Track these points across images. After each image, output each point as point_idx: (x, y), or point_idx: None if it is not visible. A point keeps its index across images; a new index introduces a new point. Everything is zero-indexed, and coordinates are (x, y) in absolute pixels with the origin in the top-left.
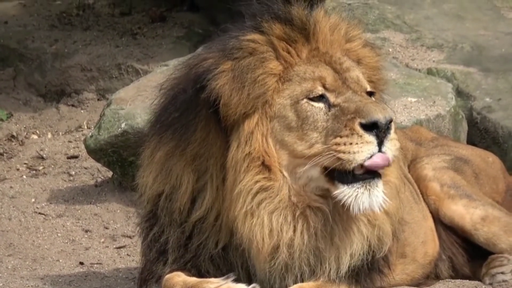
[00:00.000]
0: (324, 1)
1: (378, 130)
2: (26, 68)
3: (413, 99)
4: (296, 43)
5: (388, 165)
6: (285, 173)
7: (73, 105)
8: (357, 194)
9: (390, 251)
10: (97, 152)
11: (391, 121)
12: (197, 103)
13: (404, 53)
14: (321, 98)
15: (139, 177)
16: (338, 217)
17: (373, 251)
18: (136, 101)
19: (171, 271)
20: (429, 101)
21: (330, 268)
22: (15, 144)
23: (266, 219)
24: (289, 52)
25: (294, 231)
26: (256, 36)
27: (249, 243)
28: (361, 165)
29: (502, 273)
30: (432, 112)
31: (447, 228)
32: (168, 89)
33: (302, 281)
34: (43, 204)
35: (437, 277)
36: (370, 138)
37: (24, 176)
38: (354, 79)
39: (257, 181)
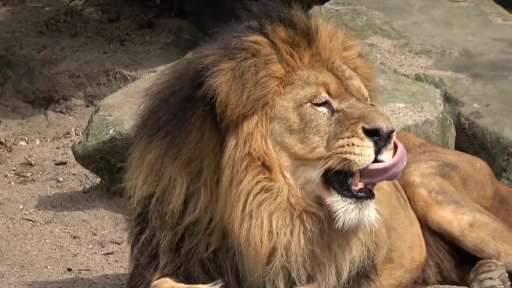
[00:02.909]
0: (323, 4)
1: (378, 138)
2: (14, 75)
3: (401, 105)
4: (299, 47)
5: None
6: (287, 174)
7: (61, 112)
8: (347, 209)
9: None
10: (85, 159)
11: (392, 131)
12: (193, 101)
13: (392, 59)
14: (324, 103)
15: (127, 180)
16: (335, 224)
17: (372, 256)
18: (124, 107)
19: (160, 277)
20: (417, 107)
21: (330, 275)
22: (3, 151)
23: (266, 220)
24: (292, 56)
25: (292, 233)
26: (259, 38)
27: (246, 244)
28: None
29: (491, 278)
30: (420, 118)
31: (435, 234)
32: (156, 93)
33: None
34: (31, 211)
35: (425, 283)
36: (369, 143)
37: (12, 183)
38: (356, 87)
39: (258, 182)
